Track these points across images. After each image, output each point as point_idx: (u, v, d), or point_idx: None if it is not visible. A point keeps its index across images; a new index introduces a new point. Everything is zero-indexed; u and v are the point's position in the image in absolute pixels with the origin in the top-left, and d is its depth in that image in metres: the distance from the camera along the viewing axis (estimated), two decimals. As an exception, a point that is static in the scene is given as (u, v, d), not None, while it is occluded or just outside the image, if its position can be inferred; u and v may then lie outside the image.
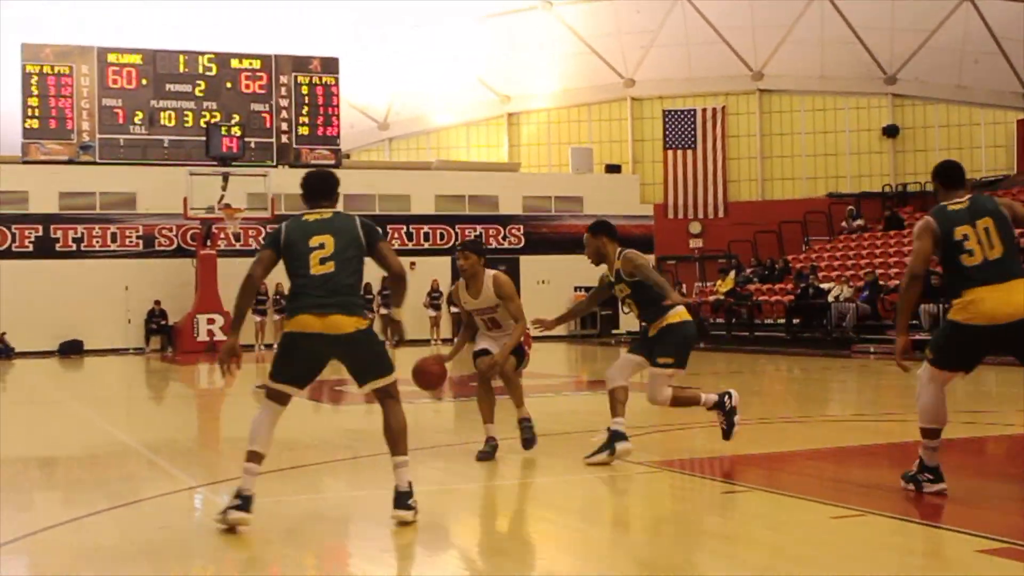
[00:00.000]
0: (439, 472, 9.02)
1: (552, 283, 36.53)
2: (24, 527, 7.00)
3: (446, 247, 36.76)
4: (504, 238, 37.64)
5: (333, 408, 14.66)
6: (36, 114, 33.90)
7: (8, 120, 35.71)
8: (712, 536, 6.63)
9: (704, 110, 42.05)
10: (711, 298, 31.72)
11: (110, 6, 36.19)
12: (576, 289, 36.35)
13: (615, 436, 8.90)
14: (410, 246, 36.41)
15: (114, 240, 34.16)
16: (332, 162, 36.15)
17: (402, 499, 6.82)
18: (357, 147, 43.20)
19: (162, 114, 34.94)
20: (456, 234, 36.98)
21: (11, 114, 34.94)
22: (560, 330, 37.44)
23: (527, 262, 37.42)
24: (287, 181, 33.83)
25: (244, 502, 6.74)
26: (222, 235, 33.65)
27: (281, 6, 37.44)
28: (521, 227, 38.20)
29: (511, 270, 36.44)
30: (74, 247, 33.83)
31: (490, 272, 9.55)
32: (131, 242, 34.27)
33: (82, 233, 33.89)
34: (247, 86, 35.94)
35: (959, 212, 7.19)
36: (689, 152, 41.88)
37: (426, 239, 37.17)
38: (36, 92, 33.91)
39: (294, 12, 37.74)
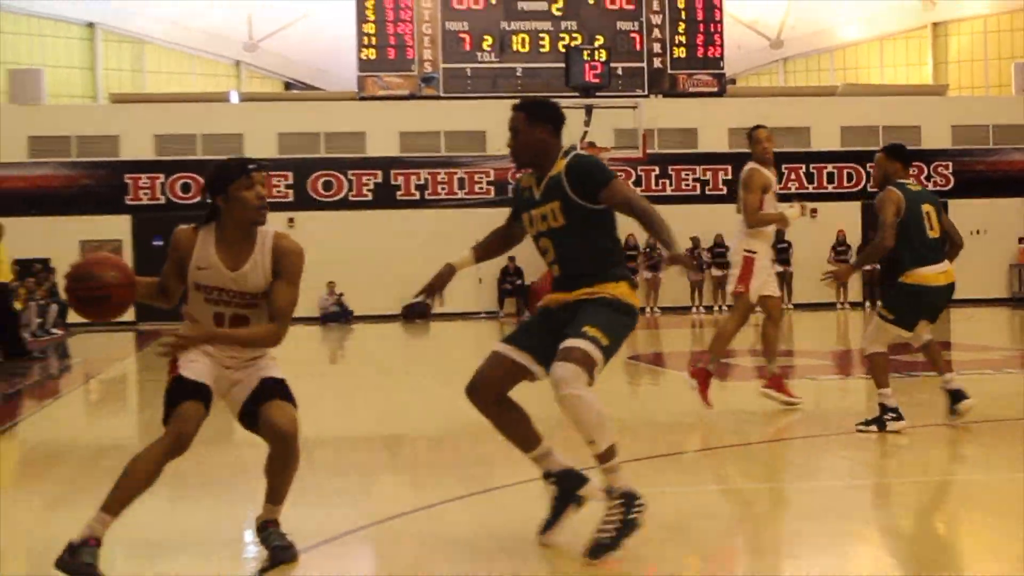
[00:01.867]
0: (847, 462, 9.03)
1: (990, 233, 35.31)
2: (371, 514, 7.43)
3: (854, 190, 36.13)
4: (928, 178, 36.51)
5: (719, 384, 14.69)
6: (373, 43, 35.50)
7: (341, 52, 37.58)
8: None
9: None
10: None
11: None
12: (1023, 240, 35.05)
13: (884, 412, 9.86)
14: (810, 189, 35.88)
15: (461, 187, 35.36)
16: (714, 90, 36.19)
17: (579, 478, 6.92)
18: (745, 71, 43.08)
19: (514, 38, 35.86)
20: (867, 174, 36.25)
21: (344, 45, 36.72)
22: (1001, 290, 36.26)
23: (957, 207, 35.92)
24: (661, 114, 34.14)
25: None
26: (584, 179, 34.16)
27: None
28: (949, 164, 36.99)
29: (937, 217, 35.46)
30: (417, 195, 35.20)
31: (268, 230, 6.34)
32: (481, 189, 35.34)
33: (425, 179, 35.24)
34: (612, 1, 36.36)
35: None
36: None
37: (830, 180, 36.59)
38: (372, 18, 35.48)
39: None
